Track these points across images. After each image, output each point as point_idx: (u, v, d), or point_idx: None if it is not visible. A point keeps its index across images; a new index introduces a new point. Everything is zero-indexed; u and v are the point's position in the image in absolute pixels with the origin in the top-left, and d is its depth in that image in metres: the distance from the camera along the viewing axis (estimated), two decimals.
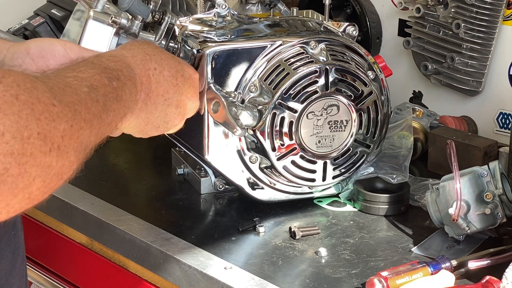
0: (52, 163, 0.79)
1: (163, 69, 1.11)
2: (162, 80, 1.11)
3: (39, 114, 0.77)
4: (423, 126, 1.67)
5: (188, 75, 1.18)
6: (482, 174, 1.30)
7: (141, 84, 1.06)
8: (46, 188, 0.81)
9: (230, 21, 1.47)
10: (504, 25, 1.67)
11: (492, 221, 1.29)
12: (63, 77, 0.88)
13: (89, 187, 1.53)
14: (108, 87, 0.94)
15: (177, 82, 1.14)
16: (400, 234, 1.37)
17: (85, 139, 0.85)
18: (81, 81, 0.89)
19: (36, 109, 0.77)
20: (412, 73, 1.84)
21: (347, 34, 1.48)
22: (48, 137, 0.78)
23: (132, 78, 1.02)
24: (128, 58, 1.05)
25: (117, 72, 0.99)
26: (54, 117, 0.79)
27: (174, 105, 1.14)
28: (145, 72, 1.07)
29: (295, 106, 1.36)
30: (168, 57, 1.14)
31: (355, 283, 1.20)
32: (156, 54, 1.11)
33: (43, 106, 0.78)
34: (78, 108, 0.84)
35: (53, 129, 0.79)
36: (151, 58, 1.09)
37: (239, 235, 1.36)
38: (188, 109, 1.19)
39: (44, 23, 2.09)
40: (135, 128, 1.11)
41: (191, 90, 1.18)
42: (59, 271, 1.62)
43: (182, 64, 1.17)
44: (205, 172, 1.50)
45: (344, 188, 1.49)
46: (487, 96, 1.72)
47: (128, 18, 1.37)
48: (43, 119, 0.78)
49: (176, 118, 1.17)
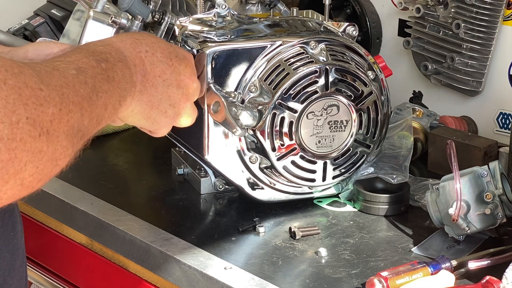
0: (43, 148, 0.79)
1: (155, 51, 1.10)
2: (157, 61, 1.09)
3: (27, 99, 0.78)
4: (423, 126, 1.67)
5: (182, 55, 1.16)
6: (482, 174, 1.30)
7: (135, 66, 1.05)
8: (40, 174, 0.81)
9: (230, 21, 1.47)
10: (504, 25, 1.67)
11: (492, 221, 1.29)
12: (51, 61, 0.88)
13: (89, 187, 1.53)
14: (96, 69, 0.93)
15: (172, 63, 1.12)
16: (400, 234, 1.37)
17: (76, 122, 0.85)
18: (68, 64, 0.89)
19: (24, 94, 0.77)
20: (412, 73, 1.84)
21: (347, 34, 1.48)
22: (37, 122, 0.78)
23: (122, 60, 1.01)
24: (117, 42, 1.05)
25: (105, 54, 0.98)
26: (41, 102, 0.79)
27: (175, 85, 1.12)
28: (137, 55, 1.06)
29: (295, 106, 1.36)
30: (159, 41, 1.13)
31: (355, 283, 1.20)
32: (146, 38, 1.10)
33: (30, 90, 0.78)
34: (66, 91, 0.84)
35: (41, 113, 0.79)
36: (141, 42, 1.08)
37: (239, 235, 1.36)
38: (192, 89, 1.16)
39: (44, 23, 2.09)
40: (140, 114, 1.09)
41: (188, 69, 1.16)
42: (59, 271, 1.62)
43: (174, 46, 1.16)
44: (205, 172, 1.50)
45: (344, 188, 1.49)
46: (487, 96, 1.72)
47: (128, 18, 1.37)
48: (31, 104, 0.78)
49: (181, 100, 1.14)
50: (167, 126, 1.16)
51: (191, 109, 1.18)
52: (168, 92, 1.11)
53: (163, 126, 1.15)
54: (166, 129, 1.17)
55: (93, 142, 1.78)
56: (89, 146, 0.92)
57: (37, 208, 1.58)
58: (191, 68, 1.17)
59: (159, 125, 1.14)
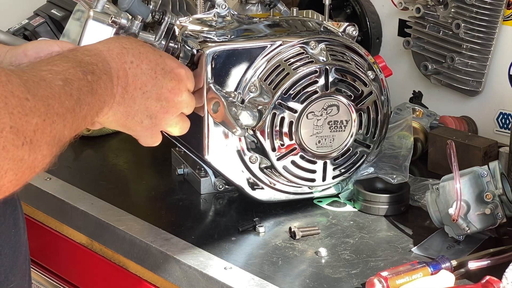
0: (25, 156, 0.80)
1: (141, 62, 1.10)
2: (140, 74, 1.09)
3: (12, 108, 0.78)
4: (423, 126, 1.67)
5: (170, 68, 1.15)
6: (482, 174, 1.30)
7: (118, 78, 1.05)
8: (18, 180, 0.82)
9: (230, 21, 1.47)
10: (504, 25, 1.67)
11: (492, 221, 1.29)
12: (38, 70, 0.89)
13: (89, 187, 1.53)
14: (82, 81, 0.94)
15: (156, 75, 1.12)
16: (400, 234, 1.37)
17: (58, 133, 0.86)
18: (55, 75, 0.89)
19: (10, 103, 0.78)
20: (412, 73, 1.84)
21: (347, 34, 1.48)
22: (21, 131, 0.79)
23: (107, 72, 1.02)
24: (104, 52, 1.05)
25: (92, 66, 0.98)
26: (27, 112, 0.80)
27: (154, 98, 1.12)
28: (121, 66, 1.06)
29: (295, 106, 1.36)
30: (148, 51, 1.13)
31: (355, 283, 1.20)
32: (134, 47, 1.10)
33: (16, 100, 0.79)
34: (52, 102, 0.84)
35: (25, 123, 0.80)
36: (128, 52, 1.08)
37: (239, 235, 1.36)
38: (174, 102, 1.16)
39: (44, 23, 2.10)
40: (114, 122, 1.09)
41: (171, 83, 1.15)
42: (59, 271, 1.62)
43: (163, 58, 1.15)
44: (205, 172, 1.50)
45: (344, 188, 1.49)
46: (487, 96, 1.72)
47: (128, 18, 1.36)
48: (16, 113, 0.79)
49: (159, 112, 1.14)
50: (146, 136, 1.16)
51: (175, 120, 1.18)
52: (146, 104, 1.11)
53: (141, 135, 1.16)
54: (148, 138, 1.17)
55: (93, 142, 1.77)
56: (89, 146, 0.92)
57: (37, 208, 1.58)
58: (176, 81, 1.16)
59: (136, 133, 1.15)
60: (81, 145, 1.71)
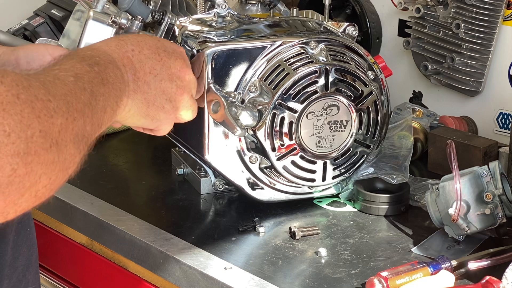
0: (55, 158, 0.80)
1: (141, 48, 1.10)
2: (144, 59, 1.09)
3: (39, 111, 0.79)
4: (423, 126, 1.67)
5: (172, 49, 1.15)
6: (482, 174, 1.30)
7: (124, 66, 1.05)
8: (53, 184, 0.82)
9: (230, 21, 1.47)
10: (504, 25, 1.67)
11: (492, 221, 1.30)
12: (50, 70, 0.89)
13: (89, 187, 1.53)
14: (91, 73, 0.94)
15: (161, 58, 1.12)
16: (400, 234, 1.37)
17: (81, 129, 0.86)
18: (66, 72, 0.90)
19: (36, 107, 0.78)
20: (412, 73, 1.84)
21: (347, 34, 1.48)
22: (48, 134, 0.79)
23: (111, 61, 1.02)
24: (102, 46, 1.05)
25: (94, 58, 0.98)
26: (52, 113, 0.80)
27: (167, 79, 1.12)
28: (124, 54, 1.06)
29: (295, 106, 1.36)
30: (145, 38, 1.13)
31: (355, 283, 1.20)
32: (131, 37, 1.11)
33: (41, 103, 0.79)
34: (70, 99, 0.85)
35: (51, 125, 0.80)
36: (126, 42, 1.09)
37: (239, 235, 1.36)
38: (186, 81, 1.16)
39: (44, 23, 2.10)
40: (138, 113, 1.09)
41: (178, 62, 1.15)
42: (59, 271, 1.62)
43: (162, 41, 1.15)
44: (205, 172, 1.50)
45: (344, 188, 1.49)
46: (487, 96, 1.72)
47: (128, 18, 1.37)
48: (43, 116, 0.79)
49: (177, 93, 1.14)
50: (167, 122, 1.16)
51: (190, 102, 1.17)
52: (161, 87, 1.11)
53: (164, 122, 1.15)
54: (168, 126, 1.16)
55: None
56: None
57: (37, 208, 1.58)
58: (182, 60, 1.16)
59: (159, 122, 1.14)
60: None
